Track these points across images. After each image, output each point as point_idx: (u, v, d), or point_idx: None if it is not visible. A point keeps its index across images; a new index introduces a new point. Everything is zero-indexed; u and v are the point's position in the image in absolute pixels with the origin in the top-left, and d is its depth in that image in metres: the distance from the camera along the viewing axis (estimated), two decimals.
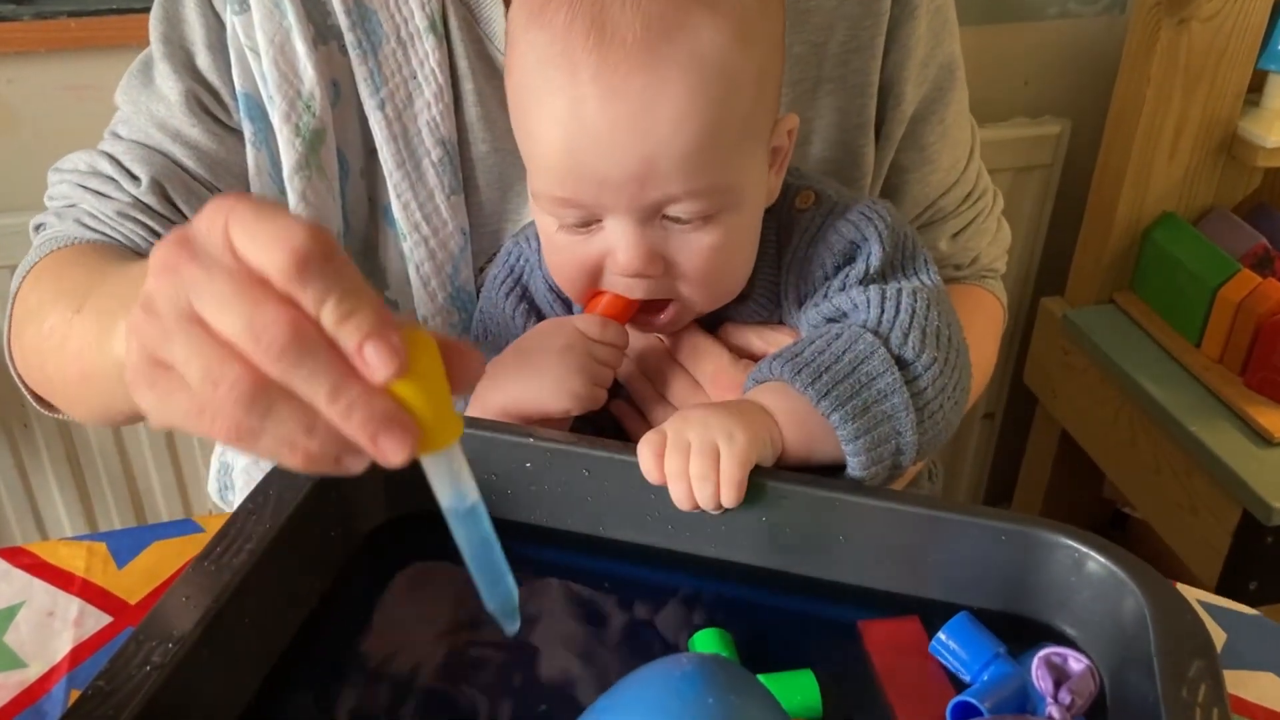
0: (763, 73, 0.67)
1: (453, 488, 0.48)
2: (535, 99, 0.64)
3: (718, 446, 0.62)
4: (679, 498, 0.63)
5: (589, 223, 0.68)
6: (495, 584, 0.50)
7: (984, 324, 0.96)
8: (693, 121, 0.63)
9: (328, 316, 0.43)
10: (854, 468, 0.66)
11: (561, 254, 0.70)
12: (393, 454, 0.44)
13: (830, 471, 0.68)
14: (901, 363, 0.66)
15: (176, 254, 0.44)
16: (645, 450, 0.63)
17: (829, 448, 0.66)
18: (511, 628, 0.51)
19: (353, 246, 0.85)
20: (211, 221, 0.44)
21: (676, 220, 0.67)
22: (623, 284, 0.70)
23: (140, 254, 0.80)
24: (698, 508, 0.63)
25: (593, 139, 0.63)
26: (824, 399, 0.65)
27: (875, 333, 0.67)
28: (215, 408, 0.44)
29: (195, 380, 0.44)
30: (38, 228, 0.85)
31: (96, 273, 0.72)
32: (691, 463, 0.62)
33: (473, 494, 0.49)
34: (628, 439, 0.77)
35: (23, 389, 0.82)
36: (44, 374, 0.76)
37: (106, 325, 0.60)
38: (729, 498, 0.62)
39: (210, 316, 0.44)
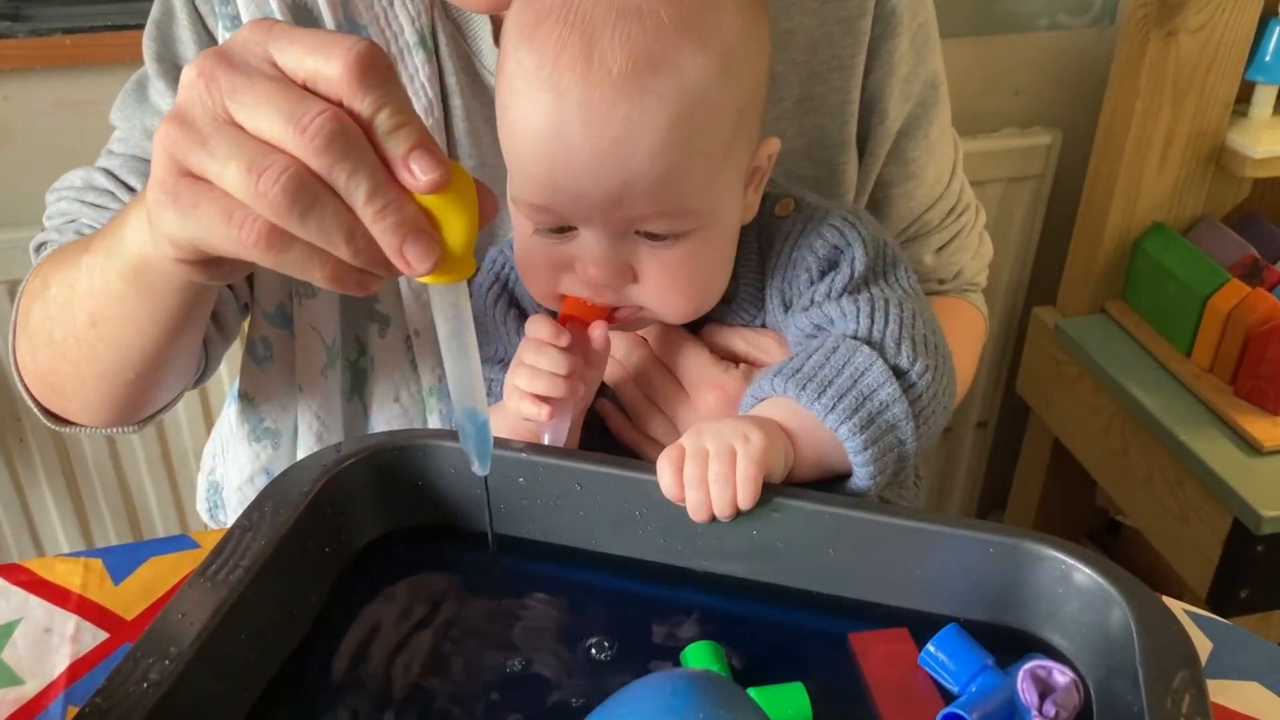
0: (744, 104, 0.68)
1: (454, 321, 0.52)
2: (521, 116, 0.66)
3: (735, 449, 0.63)
4: (695, 506, 0.64)
5: (563, 229, 0.69)
6: (475, 425, 0.57)
7: (966, 336, 0.97)
8: (671, 151, 0.64)
9: (383, 122, 0.44)
10: (861, 478, 0.67)
11: (533, 253, 0.71)
12: (417, 263, 0.46)
13: (827, 482, 0.69)
14: (898, 372, 0.68)
15: (213, 64, 0.45)
16: (664, 465, 0.64)
17: (836, 460, 0.68)
18: (482, 470, 0.58)
19: None
20: (250, 36, 0.45)
21: (649, 236, 0.68)
22: (589, 290, 0.71)
23: None
24: (713, 518, 0.64)
25: (574, 162, 0.64)
26: (831, 413, 0.66)
27: (868, 343, 0.68)
28: (250, 212, 0.44)
29: (233, 178, 0.44)
30: (39, 248, 0.85)
31: (99, 230, 0.71)
32: (710, 467, 0.63)
33: (470, 333, 0.53)
34: (612, 437, 0.78)
35: (27, 398, 0.82)
36: (50, 342, 0.74)
37: (114, 244, 0.60)
38: (745, 498, 0.63)
39: (248, 119, 0.45)
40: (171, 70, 0.81)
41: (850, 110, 0.87)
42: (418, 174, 0.45)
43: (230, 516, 1.00)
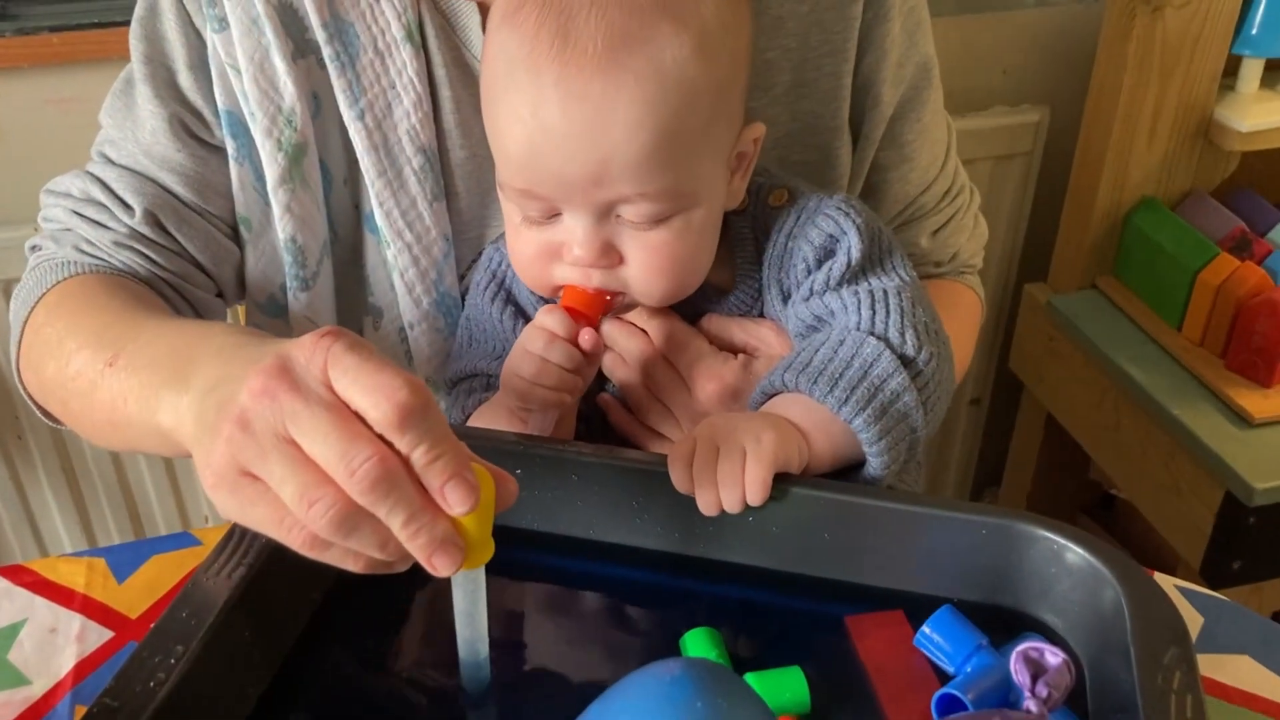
0: (723, 86, 0.68)
1: (470, 596, 0.57)
2: (503, 97, 0.67)
3: (745, 449, 0.64)
4: (706, 504, 0.65)
5: (549, 214, 0.70)
6: (476, 671, 0.60)
7: (963, 318, 0.97)
8: (647, 129, 0.65)
9: (419, 459, 0.50)
10: (875, 468, 0.68)
11: (522, 240, 0.73)
12: (443, 569, 0.52)
13: (840, 472, 0.69)
14: (905, 361, 0.69)
15: (276, 382, 0.51)
16: (675, 461, 0.65)
17: (849, 452, 0.69)
18: (475, 694, 0.61)
19: (341, 255, 0.86)
20: (311, 356, 0.51)
21: (631, 220, 0.69)
22: (577, 274, 0.72)
23: (141, 280, 0.81)
24: (722, 512, 0.65)
25: (551, 140, 0.66)
26: (844, 405, 0.67)
27: (872, 334, 0.69)
28: (299, 522, 0.51)
29: (289, 497, 0.50)
30: (33, 248, 0.85)
31: (123, 322, 0.72)
32: (720, 466, 0.64)
33: (482, 604, 0.58)
34: (612, 429, 0.79)
35: (28, 400, 0.83)
36: (65, 407, 0.76)
37: (148, 394, 0.62)
38: (754, 497, 0.64)
39: (305, 444, 0.50)
40: (160, 72, 0.80)
41: (843, 95, 0.87)
42: (453, 504, 0.51)
43: None
